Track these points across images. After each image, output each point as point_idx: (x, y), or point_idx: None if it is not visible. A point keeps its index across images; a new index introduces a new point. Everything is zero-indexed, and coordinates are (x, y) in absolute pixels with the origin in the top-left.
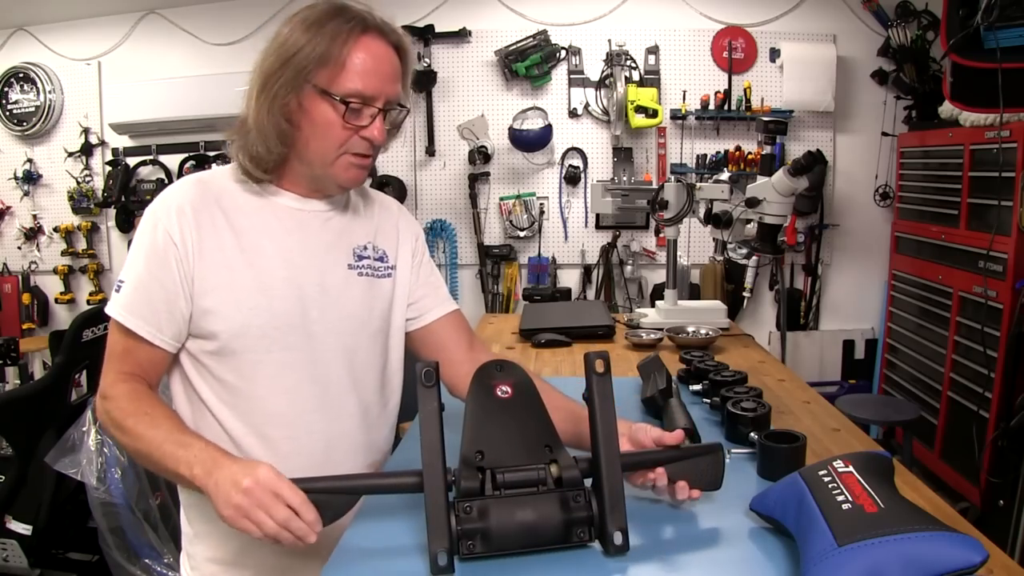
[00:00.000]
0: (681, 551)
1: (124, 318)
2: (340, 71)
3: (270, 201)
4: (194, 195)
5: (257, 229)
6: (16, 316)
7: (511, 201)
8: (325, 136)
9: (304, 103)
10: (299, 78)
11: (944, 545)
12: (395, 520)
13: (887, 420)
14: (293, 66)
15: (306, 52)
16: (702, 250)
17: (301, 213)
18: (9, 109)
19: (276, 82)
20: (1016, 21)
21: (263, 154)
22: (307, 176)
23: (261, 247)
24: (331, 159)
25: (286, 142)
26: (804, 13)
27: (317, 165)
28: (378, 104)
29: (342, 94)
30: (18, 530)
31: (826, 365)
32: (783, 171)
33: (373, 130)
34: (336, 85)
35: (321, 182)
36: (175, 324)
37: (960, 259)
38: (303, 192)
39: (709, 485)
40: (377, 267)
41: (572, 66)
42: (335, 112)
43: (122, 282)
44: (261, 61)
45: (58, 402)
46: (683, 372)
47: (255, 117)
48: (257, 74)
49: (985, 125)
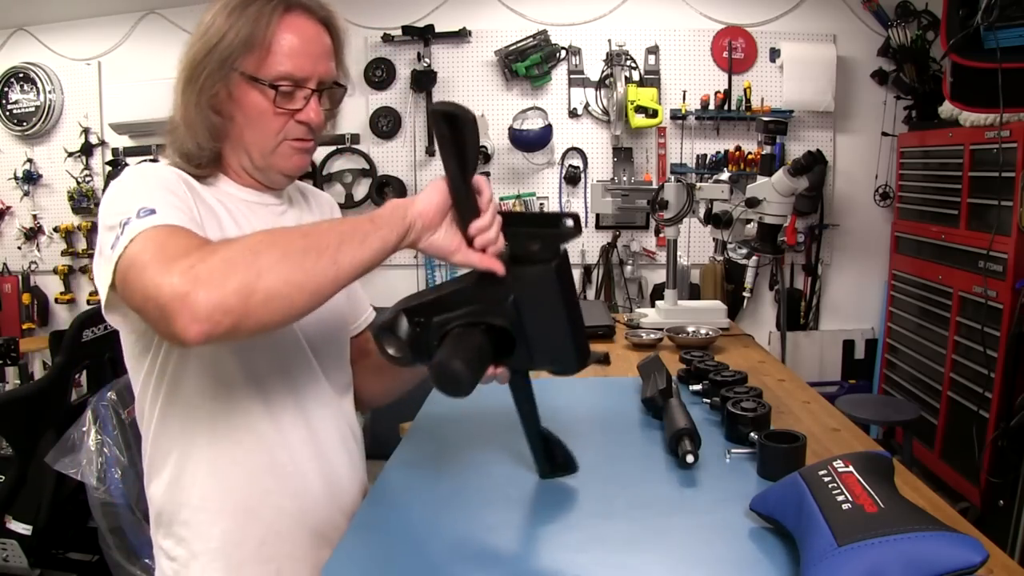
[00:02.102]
0: (681, 551)
1: (176, 220)
2: (266, 55)
3: (225, 192)
4: (177, 171)
5: (225, 219)
6: (16, 316)
7: (511, 201)
8: (259, 125)
9: (233, 92)
10: (225, 66)
11: (944, 545)
12: (395, 520)
13: (887, 420)
14: (218, 54)
15: (229, 38)
16: (702, 250)
17: (256, 206)
18: (9, 109)
19: (202, 73)
20: (1016, 21)
21: (194, 151)
22: (248, 168)
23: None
24: (270, 148)
25: (217, 136)
26: (804, 13)
27: (257, 156)
28: (310, 85)
29: (271, 78)
30: (18, 530)
31: (826, 365)
32: (783, 171)
33: (309, 112)
34: (263, 70)
35: (264, 174)
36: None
37: (960, 259)
38: (250, 184)
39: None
40: None
41: (572, 66)
42: (265, 98)
43: (146, 208)
44: (186, 53)
45: (58, 402)
46: (683, 372)
47: (183, 112)
48: (182, 67)
49: (985, 125)
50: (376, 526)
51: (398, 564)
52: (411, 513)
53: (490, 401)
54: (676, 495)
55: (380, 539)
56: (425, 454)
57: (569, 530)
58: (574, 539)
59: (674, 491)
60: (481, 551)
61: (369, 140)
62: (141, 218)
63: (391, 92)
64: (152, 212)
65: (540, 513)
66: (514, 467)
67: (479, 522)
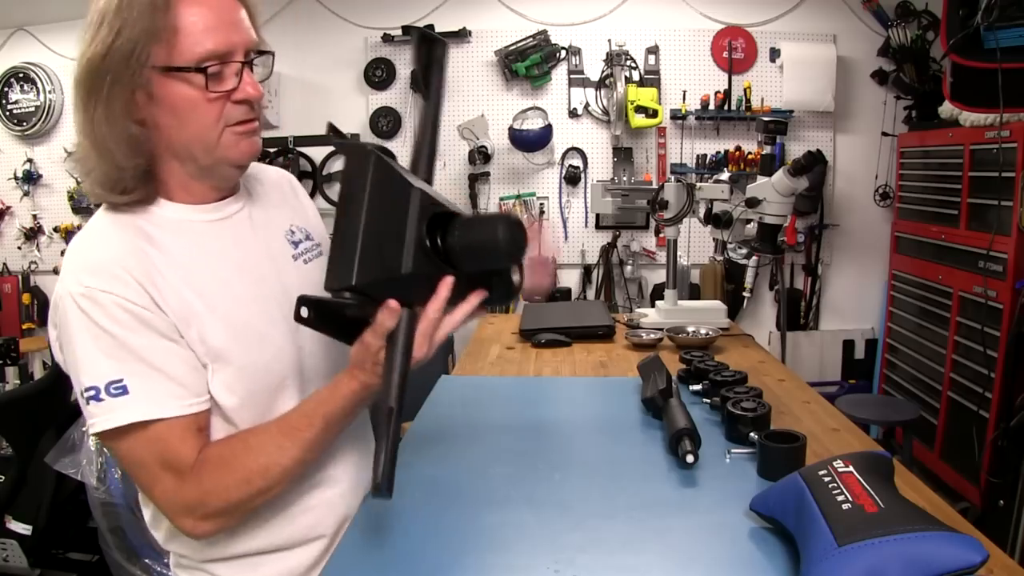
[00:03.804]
0: (681, 551)
1: (156, 412)
2: (176, 38)
3: (174, 221)
4: (118, 253)
5: (194, 265)
6: (16, 316)
7: (511, 201)
8: (194, 119)
9: (153, 92)
10: (132, 65)
11: (944, 545)
12: (395, 520)
13: (887, 420)
14: (118, 55)
15: (127, 34)
16: (702, 250)
17: (222, 224)
18: (9, 109)
19: (104, 81)
20: (1016, 21)
21: (113, 174)
22: (195, 175)
23: (207, 285)
24: (213, 141)
25: (139, 151)
26: (804, 13)
27: (200, 155)
28: (237, 57)
29: (193, 62)
30: (18, 530)
31: (826, 365)
32: (783, 171)
33: (246, 87)
34: (180, 56)
35: (214, 173)
36: (200, 376)
37: (960, 259)
38: (202, 198)
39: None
40: (311, 248)
41: (572, 66)
42: (193, 87)
43: (114, 382)
44: (77, 68)
45: (58, 402)
46: (683, 372)
47: (90, 133)
48: (77, 82)
49: (985, 125)
50: (376, 526)
51: (398, 564)
52: (411, 513)
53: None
54: (676, 495)
55: (380, 539)
56: (425, 454)
57: (569, 530)
58: (574, 539)
59: (674, 491)
60: (481, 551)
61: (369, 140)
62: (113, 396)
63: (391, 92)
64: (123, 390)
65: (540, 513)
66: (514, 467)
67: (479, 522)
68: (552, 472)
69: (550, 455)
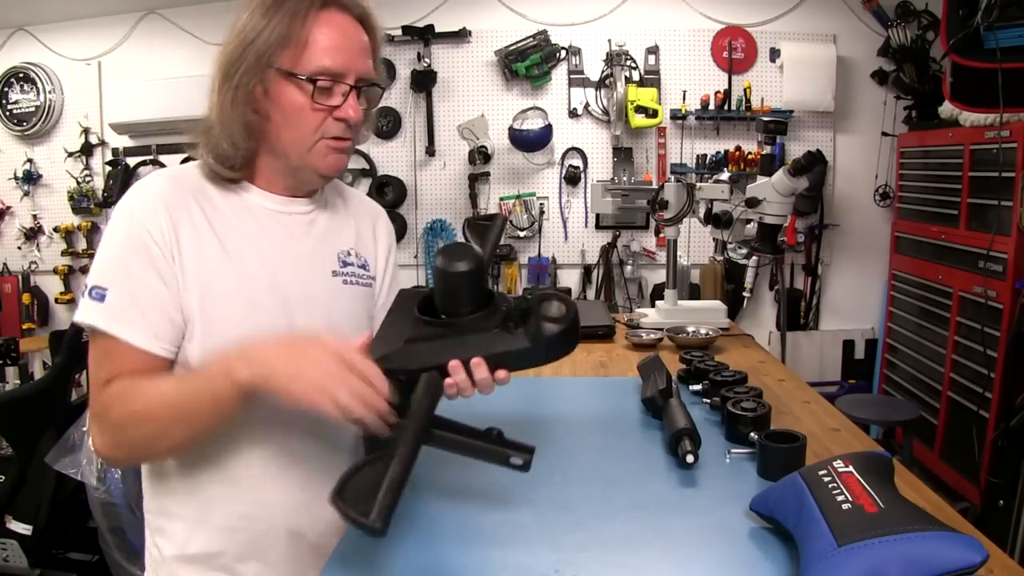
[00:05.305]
0: (681, 551)
1: (113, 327)
2: (303, 50)
3: (247, 201)
4: (168, 191)
5: (238, 232)
6: (16, 316)
7: (511, 201)
8: (297, 122)
9: (270, 89)
10: (261, 63)
11: (944, 545)
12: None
13: (887, 420)
14: (254, 51)
15: (265, 35)
16: (702, 250)
17: (282, 215)
18: (9, 109)
19: (238, 71)
20: (1016, 21)
21: (229, 151)
22: (283, 171)
23: (243, 251)
24: (307, 146)
25: (253, 135)
26: (804, 13)
27: (293, 156)
28: (348, 80)
29: (308, 73)
30: (18, 530)
31: (826, 365)
32: (783, 171)
33: (347, 109)
34: (301, 65)
35: (300, 175)
36: (173, 328)
37: (960, 259)
38: (280, 190)
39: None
40: (361, 275)
41: (572, 66)
42: (303, 94)
43: (99, 287)
44: (221, 52)
45: (58, 402)
46: (683, 372)
47: (219, 112)
48: (218, 65)
49: (985, 125)
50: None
51: (397, 565)
52: (410, 514)
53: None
54: (676, 495)
55: (378, 541)
56: (424, 454)
57: (569, 530)
58: (574, 539)
59: (674, 491)
60: (481, 551)
61: (369, 140)
62: (92, 299)
63: (391, 92)
64: (101, 297)
65: (540, 513)
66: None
67: (478, 522)
68: (552, 472)
69: (550, 455)
